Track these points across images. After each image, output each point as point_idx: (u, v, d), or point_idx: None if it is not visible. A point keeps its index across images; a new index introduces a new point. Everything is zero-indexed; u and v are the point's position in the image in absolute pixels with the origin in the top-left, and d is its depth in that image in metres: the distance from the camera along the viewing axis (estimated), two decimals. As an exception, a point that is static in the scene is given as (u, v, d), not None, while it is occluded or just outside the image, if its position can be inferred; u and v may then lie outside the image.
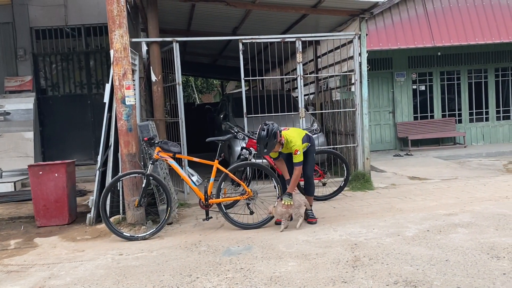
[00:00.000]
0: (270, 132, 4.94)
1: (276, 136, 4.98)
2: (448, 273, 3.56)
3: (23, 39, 9.53)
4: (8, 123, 9.00)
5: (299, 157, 5.10)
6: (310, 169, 5.48)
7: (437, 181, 7.62)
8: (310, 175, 5.49)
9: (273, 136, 4.96)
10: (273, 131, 4.96)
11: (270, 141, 4.95)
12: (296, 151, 5.08)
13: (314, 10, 7.70)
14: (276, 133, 4.98)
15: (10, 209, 6.86)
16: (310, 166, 5.47)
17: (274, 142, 4.99)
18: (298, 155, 5.09)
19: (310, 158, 5.43)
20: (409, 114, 12.22)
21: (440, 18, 11.10)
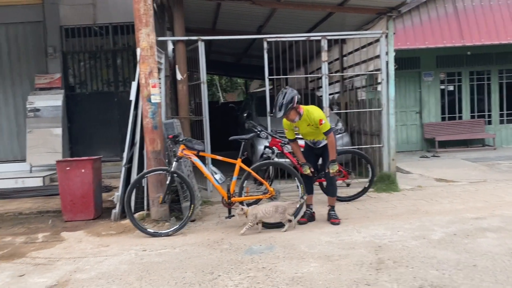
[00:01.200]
0: (287, 95, 4.93)
1: (292, 101, 4.93)
2: (476, 278, 3.46)
3: (53, 38, 9.74)
4: (38, 120, 9.22)
5: (326, 125, 5.04)
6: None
7: (464, 183, 7.42)
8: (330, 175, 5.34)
9: (290, 100, 4.92)
10: (291, 95, 4.93)
11: (286, 104, 4.92)
12: (320, 121, 5.01)
13: (341, 8, 7.62)
14: (293, 98, 4.93)
15: (38, 203, 7.05)
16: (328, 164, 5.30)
17: (290, 107, 4.94)
18: (324, 124, 5.03)
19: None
20: (437, 114, 11.96)
21: (470, 17, 10.82)
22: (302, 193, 5.29)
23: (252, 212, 4.95)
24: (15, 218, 6.37)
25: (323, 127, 5.04)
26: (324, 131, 5.07)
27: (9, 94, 9.93)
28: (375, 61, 8.22)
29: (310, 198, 5.46)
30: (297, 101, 4.99)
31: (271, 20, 8.93)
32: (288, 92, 4.99)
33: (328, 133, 5.08)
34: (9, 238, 5.39)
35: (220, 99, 27.14)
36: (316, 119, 5.04)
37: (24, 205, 6.94)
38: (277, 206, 4.97)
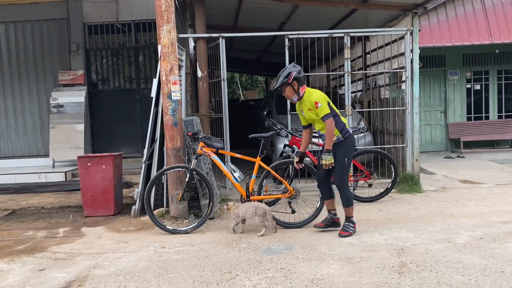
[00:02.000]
0: (285, 70, 4.73)
1: (289, 76, 4.63)
2: (503, 285, 3.32)
3: (76, 35, 9.87)
4: (61, 115, 9.36)
5: (323, 109, 4.56)
6: (338, 173, 4.74)
7: (491, 185, 7.19)
8: (339, 181, 4.75)
9: (286, 75, 4.65)
10: (288, 70, 4.69)
11: (281, 78, 4.69)
12: (316, 103, 4.58)
13: (364, 5, 7.48)
14: (290, 73, 4.64)
15: (60, 198, 7.14)
16: (339, 168, 4.71)
17: (284, 81, 4.66)
18: (321, 107, 4.56)
19: (341, 165, 4.71)
20: (462, 114, 11.65)
21: (499, 13, 10.48)
22: (322, 193, 5.18)
23: (234, 210, 4.99)
24: (37, 213, 6.47)
25: (320, 110, 4.56)
26: (322, 116, 4.57)
27: (34, 90, 10.12)
28: (399, 58, 8.05)
29: (330, 203, 4.96)
30: (294, 78, 4.65)
31: (293, 17, 8.83)
32: (288, 67, 4.75)
33: (326, 118, 4.55)
34: (31, 232, 5.46)
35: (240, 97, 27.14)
36: (312, 101, 4.61)
37: (46, 199, 7.05)
38: (257, 208, 4.86)
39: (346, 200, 4.78)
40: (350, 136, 4.82)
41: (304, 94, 4.73)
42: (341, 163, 4.71)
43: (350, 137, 4.80)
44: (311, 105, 4.65)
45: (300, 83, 4.73)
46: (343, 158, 4.70)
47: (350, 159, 4.88)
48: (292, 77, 4.66)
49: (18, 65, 10.09)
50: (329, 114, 4.59)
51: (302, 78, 4.74)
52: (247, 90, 29.88)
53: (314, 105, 4.61)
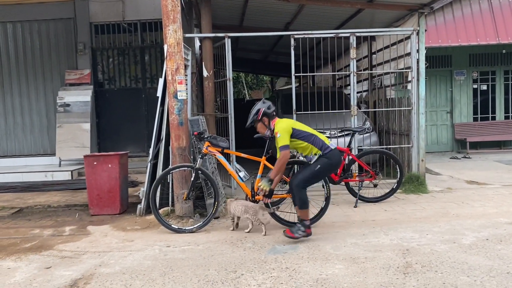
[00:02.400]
0: (255, 107, 4.89)
1: (257, 113, 4.81)
2: (509, 286, 3.31)
3: (83, 34, 9.93)
4: (67, 115, 9.42)
5: (281, 139, 4.59)
6: (302, 174, 4.73)
7: (497, 186, 7.16)
8: (296, 184, 4.68)
9: (255, 112, 4.85)
10: (257, 107, 4.86)
11: (251, 115, 4.88)
12: (276, 133, 4.67)
13: (371, 5, 7.46)
14: (259, 110, 4.82)
15: (66, 196, 7.19)
16: (305, 171, 4.74)
17: (254, 119, 4.87)
18: (280, 137, 4.61)
19: (309, 169, 4.71)
20: (468, 114, 11.59)
21: (506, 13, 10.41)
22: (327, 193, 5.19)
23: (228, 206, 5.12)
24: (44, 211, 6.52)
25: (278, 140, 4.63)
26: (279, 146, 4.62)
27: (40, 90, 10.19)
28: (405, 58, 8.02)
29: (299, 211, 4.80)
30: (263, 114, 4.79)
31: (299, 17, 8.83)
32: (258, 104, 4.90)
33: (282, 149, 4.59)
34: (37, 230, 5.50)
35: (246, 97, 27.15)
36: (275, 131, 4.70)
37: (52, 198, 7.10)
38: (247, 207, 4.93)
39: (300, 201, 4.67)
40: (331, 152, 4.72)
41: (275, 126, 4.81)
42: (311, 168, 4.71)
43: (331, 153, 4.71)
44: (275, 134, 4.74)
45: (270, 117, 4.85)
46: (316, 164, 4.70)
47: (322, 170, 4.72)
48: (261, 113, 4.83)
49: (26, 64, 10.16)
50: (286, 146, 4.61)
51: (272, 112, 4.84)
52: (252, 90, 29.89)
53: (276, 135, 4.69)
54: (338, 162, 4.94)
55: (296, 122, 4.97)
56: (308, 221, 4.67)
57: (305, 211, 4.67)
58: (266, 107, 4.84)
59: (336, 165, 4.93)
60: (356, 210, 5.93)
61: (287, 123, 4.80)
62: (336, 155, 4.80)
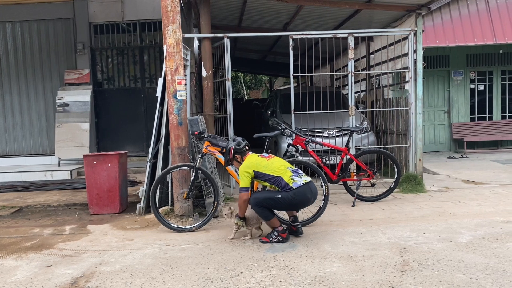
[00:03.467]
0: (226, 148, 4.91)
1: (229, 153, 4.84)
2: (505, 284, 3.35)
3: (82, 34, 9.95)
4: (67, 114, 9.45)
5: (241, 181, 4.63)
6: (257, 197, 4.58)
7: (494, 186, 7.21)
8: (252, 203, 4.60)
9: (228, 151, 4.87)
10: (229, 146, 4.88)
11: (226, 156, 4.91)
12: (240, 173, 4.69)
13: (368, 5, 7.50)
14: (230, 149, 4.84)
15: (66, 196, 7.22)
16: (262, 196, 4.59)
17: (228, 158, 4.89)
18: (240, 179, 4.65)
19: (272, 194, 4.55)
20: (466, 114, 11.66)
21: (503, 14, 10.48)
22: (325, 193, 5.23)
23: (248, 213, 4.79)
24: (44, 210, 6.55)
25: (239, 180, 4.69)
26: (240, 186, 4.64)
27: (40, 89, 10.21)
28: (402, 59, 8.07)
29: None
30: (234, 151, 4.80)
31: (297, 18, 8.87)
32: (229, 143, 4.93)
33: (241, 190, 4.58)
34: (37, 230, 5.53)
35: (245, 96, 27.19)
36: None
37: (52, 197, 7.13)
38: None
39: (262, 217, 4.63)
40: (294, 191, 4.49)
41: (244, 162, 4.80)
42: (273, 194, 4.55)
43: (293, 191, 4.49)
44: None
45: (242, 154, 4.83)
46: (279, 193, 4.51)
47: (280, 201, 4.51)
48: (232, 152, 4.83)
49: (25, 64, 10.18)
50: (244, 188, 4.57)
51: (243, 148, 4.82)
52: (251, 89, 29.93)
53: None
54: (302, 201, 4.57)
55: (262, 161, 4.66)
56: (280, 227, 4.64)
57: (271, 221, 4.62)
58: (235, 144, 4.84)
59: (297, 203, 4.60)
60: (354, 209, 5.98)
61: (250, 164, 4.66)
62: (300, 193, 4.52)
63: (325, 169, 6.01)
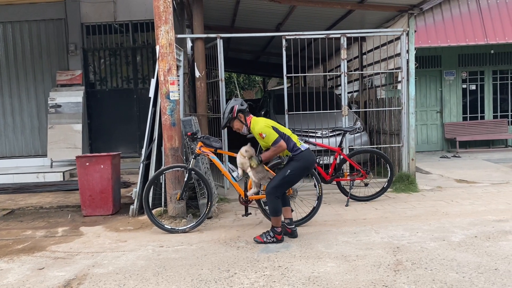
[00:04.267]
0: (228, 106, 4.79)
1: (232, 111, 4.71)
2: (497, 282, 3.38)
3: (74, 35, 9.89)
4: (59, 115, 9.38)
5: (269, 138, 4.54)
6: (274, 181, 4.65)
7: (486, 185, 7.27)
8: (269, 189, 4.62)
9: (230, 110, 4.74)
10: (230, 105, 4.76)
11: (225, 114, 4.78)
12: (260, 135, 4.58)
13: (361, 5, 7.53)
14: (233, 107, 4.71)
15: (58, 197, 7.17)
16: (277, 177, 4.67)
17: (229, 117, 4.75)
18: (267, 136, 4.55)
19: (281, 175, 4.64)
20: (458, 114, 11.75)
21: (494, 14, 10.57)
22: (319, 193, 5.24)
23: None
24: (36, 212, 6.50)
25: (267, 139, 4.58)
26: (271, 143, 4.57)
27: (32, 90, 10.13)
28: (395, 59, 8.11)
29: (285, 211, 4.83)
30: (238, 110, 4.72)
31: (290, 18, 8.88)
32: (230, 102, 4.83)
33: (276, 142, 4.55)
34: (29, 232, 5.49)
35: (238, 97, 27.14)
36: (257, 133, 4.63)
37: (44, 199, 7.07)
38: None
39: (272, 209, 4.65)
40: (301, 154, 4.64)
41: (250, 124, 4.78)
42: (282, 173, 4.64)
43: (301, 155, 4.63)
44: (258, 136, 4.68)
45: (245, 114, 4.80)
46: (287, 169, 4.63)
47: (293, 174, 4.62)
48: (235, 110, 4.75)
49: (16, 65, 10.10)
50: (278, 138, 4.57)
51: (246, 108, 4.79)
52: (244, 90, 29.91)
53: (260, 137, 4.64)
54: (310, 164, 4.76)
55: (270, 120, 4.80)
56: (279, 228, 4.65)
57: (276, 219, 4.64)
58: (239, 103, 4.77)
59: (307, 167, 4.75)
60: (348, 209, 5.99)
61: (265, 121, 4.72)
62: (307, 156, 4.68)
63: (318, 169, 6.01)
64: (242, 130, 4.84)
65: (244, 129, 4.83)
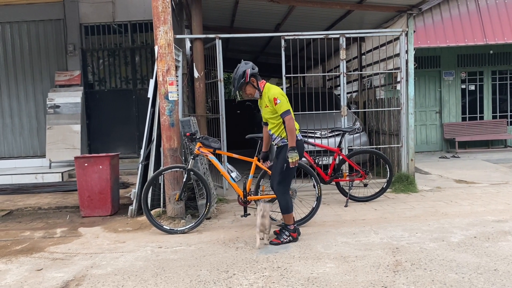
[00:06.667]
0: (239, 70, 4.57)
1: (244, 75, 4.49)
2: (496, 283, 3.37)
3: (73, 35, 9.88)
4: (58, 116, 9.36)
5: (282, 106, 4.39)
6: (275, 178, 4.61)
7: (485, 185, 7.26)
8: (275, 187, 4.62)
9: (242, 74, 4.50)
10: (242, 69, 4.52)
11: (237, 79, 4.54)
12: (275, 99, 4.41)
13: (360, 6, 7.52)
14: (245, 71, 4.49)
15: (57, 198, 7.16)
16: (276, 173, 4.60)
17: (241, 82, 4.52)
18: (280, 104, 4.39)
19: (278, 170, 4.57)
20: (457, 114, 11.75)
21: (493, 15, 10.57)
22: (318, 193, 5.23)
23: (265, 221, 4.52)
24: (35, 213, 6.48)
25: (279, 107, 4.40)
26: (281, 112, 4.41)
27: (30, 91, 10.12)
28: (394, 59, 8.11)
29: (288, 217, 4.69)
30: (250, 75, 4.51)
31: (289, 18, 8.87)
32: (241, 66, 4.57)
33: (285, 114, 4.40)
34: (28, 233, 5.47)
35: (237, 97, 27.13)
36: (271, 97, 4.44)
37: (43, 200, 7.06)
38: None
39: (283, 207, 4.60)
40: (299, 142, 4.58)
41: (264, 89, 4.61)
42: (280, 168, 4.56)
43: (298, 142, 4.55)
44: (269, 101, 4.50)
45: (257, 78, 4.63)
46: (283, 163, 4.51)
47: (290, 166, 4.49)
48: (248, 74, 4.54)
49: (15, 65, 10.08)
50: (288, 111, 4.45)
51: (257, 72, 4.64)
52: (243, 90, 29.87)
53: (273, 102, 4.45)
54: (303, 151, 4.72)
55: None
56: (291, 226, 4.64)
57: (287, 216, 4.62)
58: (250, 67, 4.57)
59: (301, 154, 4.65)
60: (347, 209, 5.98)
61: (281, 90, 4.58)
62: (301, 144, 4.64)
63: (317, 170, 6.00)
64: (254, 95, 4.66)
65: (257, 94, 4.65)
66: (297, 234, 4.67)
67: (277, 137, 4.67)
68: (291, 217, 4.67)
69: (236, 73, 4.59)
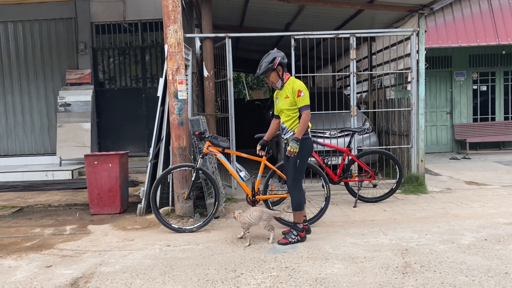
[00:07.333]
0: (269, 55, 4.60)
1: (273, 61, 4.52)
2: (507, 286, 3.32)
3: (84, 34, 9.96)
4: (68, 114, 9.44)
5: (305, 99, 4.46)
6: (290, 174, 4.64)
7: (496, 187, 7.18)
8: (290, 183, 4.65)
9: (271, 60, 4.54)
10: (273, 55, 4.56)
11: (266, 63, 4.57)
12: (299, 91, 4.46)
13: (371, 5, 7.48)
14: (275, 58, 4.53)
15: (67, 196, 7.22)
16: (290, 170, 4.63)
17: (269, 67, 4.55)
18: (303, 97, 4.46)
19: (292, 166, 4.59)
20: (468, 115, 11.62)
21: (506, 14, 10.43)
22: (327, 193, 5.21)
23: (241, 219, 4.68)
24: (45, 210, 6.54)
25: (301, 99, 4.46)
26: (302, 105, 4.48)
27: (41, 89, 10.22)
28: (405, 59, 8.05)
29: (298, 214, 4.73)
30: (279, 63, 4.55)
31: (299, 18, 8.85)
32: (272, 52, 4.61)
33: (305, 108, 4.47)
34: (38, 230, 5.52)
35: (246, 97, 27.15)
36: (295, 89, 4.49)
37: (53, 197, 7.12)
38: (262, 212, 4.66)
39: (295, 205, 4.62)
40: (308, 140, 4.65)
41: (287, 81, 4.64)
42: (293, 164, 4.58)
43: (308, 140, 4.63)
44: (292, 92, 4.52)
45: (284, 69, 4.66)
46: (296, 159, 4.55)
47: (304, 160, 4.61)
48: (277, 62, 4.57)
49: (26, 64, 10.19)
50: (308, 106, 4.50)
51: (285, 64, 4.67)
52: (253, 90, 29.88)
53: (296, 93, 4.49)
54: (312, 148, 4.82)
55: None
56: (301, 224, 4.63)
57: (298, 213, 4.63)
58: (281, 56, 4.60)
59: (311, 151, 4.78)
60: (356, 210, 5.95)
61: (305, 86, 4.61)
62: (310, 144, 4.73)
63: (326, 170, 5.98)
64: (276, 84, 4.68)
65: (279, 84, 4.67)
66: (305, 233, 4.65)
67: (289, 131, 4.67)
68: (301, 215, 4.66)
69: (266, 58, 4.64)
